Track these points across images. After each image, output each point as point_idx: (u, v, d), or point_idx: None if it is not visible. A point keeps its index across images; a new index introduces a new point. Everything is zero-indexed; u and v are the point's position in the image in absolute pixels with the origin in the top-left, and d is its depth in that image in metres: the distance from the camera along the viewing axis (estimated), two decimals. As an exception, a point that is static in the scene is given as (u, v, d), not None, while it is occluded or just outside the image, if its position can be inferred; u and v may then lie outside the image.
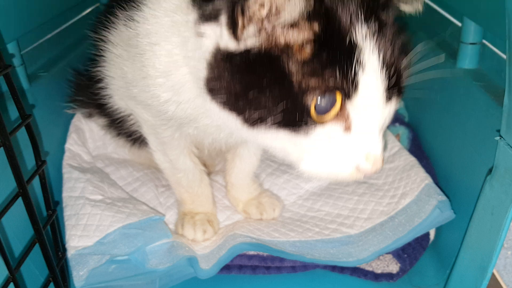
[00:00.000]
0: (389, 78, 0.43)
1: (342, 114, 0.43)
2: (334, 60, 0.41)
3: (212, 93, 0.46)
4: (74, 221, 0.66)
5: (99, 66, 0.67)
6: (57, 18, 0.87)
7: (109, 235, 0.64)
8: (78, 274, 0.61)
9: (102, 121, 0.82)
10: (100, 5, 1.07)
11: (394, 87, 0.44)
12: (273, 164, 0.83)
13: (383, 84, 0.43)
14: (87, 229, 0.65)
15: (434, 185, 0.67)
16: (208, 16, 0.44)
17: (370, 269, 0.66)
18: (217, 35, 0.44)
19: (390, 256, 0.66)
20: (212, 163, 0.85)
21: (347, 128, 0.44)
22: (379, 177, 0.77)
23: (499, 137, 0.46)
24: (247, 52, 0.42)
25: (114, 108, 0.72)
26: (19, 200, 0.45)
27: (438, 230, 0.68)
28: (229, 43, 0.43)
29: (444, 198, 0.64)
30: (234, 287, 0.65)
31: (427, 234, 0.68)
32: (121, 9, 0.58)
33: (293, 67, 0.41)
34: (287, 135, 0.44)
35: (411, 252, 0.65)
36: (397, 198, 0.70)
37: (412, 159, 0.74)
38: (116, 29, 0.60)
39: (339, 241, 0.66)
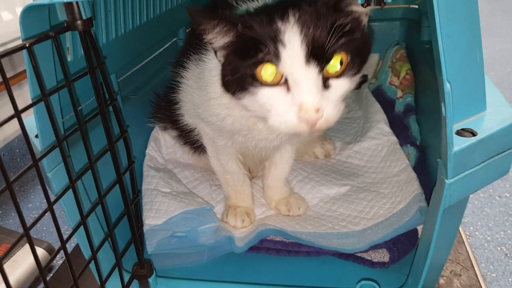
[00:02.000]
0: (311, 49, 0.56)
1: (281, 79, 0.58)
2: (259, 43, 0.57)
3: (226, 90, 0.65)
4: (149, 206, 0.88)
5: (175, 93, 0.90)
6: (144, 53, 1.07)
7: (173, 217, 0.85)
8: (150, 243, 0.83)
9: (173, 133, 1.03)
10: (177, 39, 1.31)
11: (319, 56, 0.56)
12: (303, 172, 1.02)
13: (303, 54, 0.56)
14: (158, 212, 0.86)
15: (420, 195, 0.82)
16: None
17: (369, 258, 0.82)
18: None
19: (384, 249, 0.82)
20: (255, 169, 1.04)
21: (288, 89, 0.58)
22: (387, 187, 0.94)
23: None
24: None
25: (184, 123, 0.93)
26: (117, 186, 0.67)
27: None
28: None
29: (424, 204, 0.79)
30: (263, 263, 0.84)
31: (416, 233, 0.83)
32: (192, 53, 0.80)
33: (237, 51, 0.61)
34: (255, 99, 0.60)
35: (400, 246, 0.80)
36: (395, 204, 0.86)
37: (413, 174, 0.90)
38: (189, 67, 0.81)
39: (345, 234, 0.83)
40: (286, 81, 0.58)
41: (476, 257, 1.17)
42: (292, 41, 0.57)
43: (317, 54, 0.57)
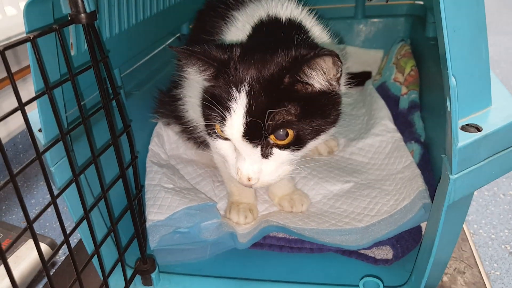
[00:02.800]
0: (249, 125, 0.59)
1: None
2: (212, 108, 0.62)
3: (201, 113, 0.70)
4: (152, 201, 0.88)
5: (180, 88, 0.90)
6: (147, 49, 1.07)
7: (176, 213, 0.84)
8: (153, 239, 0.82)
9: (176, 128, 1.03)
10: (180, 35, 1.31)
11: (256, 134, 0.60)
12: (307, 169, 1.01)
13: (242, 128, 0.60)
14: (161, 208, 0.86)
15: (424, 191, 0.81)
16: None
17: (372, 255, 0.82)
18: None
19: (388, 246, 0.82)
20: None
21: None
22: (391, 184, 0.93)
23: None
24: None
25: (188, 119, 0.93)
26: (120, 181, 0.67)
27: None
28: None
29: (428, 201, 0.78)
30: (265, 259, 0.84)
31: (420, 230, 0.83)
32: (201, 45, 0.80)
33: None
34: (215, 143, 0.67)
35: (404, 243, 0.80)
36: (399, 201, 0.86)
37: (417, 171, 0.89)
38: None
39: (348, 231, 0.83)
40: None
41: (480, 255, 1.17)
42: (237, 112, 0.60)
43: (255, 131, 0.60)
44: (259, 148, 0.62)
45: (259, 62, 0.62)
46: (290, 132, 0.61)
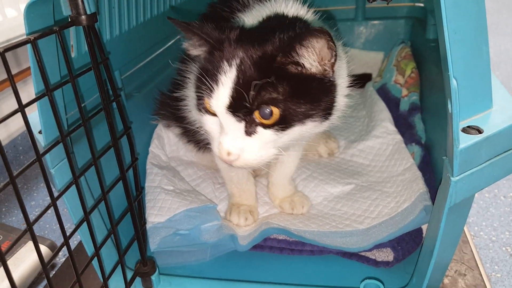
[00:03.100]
0: (234, 99, 0.59)
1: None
2: (202, 81, 0.62)
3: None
4: (152, 203, 0.87)
5: (183, 89, 0.90)
6: (147, 51, 1.06)
7: (176, 215, 0.84)
8: (153, 241, 0.82)
9: (177, 130, 1.03)
10: (181, 37, 1.31)
11: (240, 108, 0.60)
12: (307, 171, 1.01)
13: (227, 101, 0.60)
14: (161, 210, 0.86)
15: (425, 193, 0.81)
16: None
17: (373, 257, 0.82)
18: None
19: (388, 248, 0.82)
20: (259, 168, 1.04)
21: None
22: (392, 186, 0.93)
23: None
24: None
25: (191, 120, 0.92)
26: (120, 183, 0.67)
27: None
28: None
29: (429, 203, 0.78)
30: (266, 261, 0.84)
31: (421, 232, 0.83)
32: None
33: None
34: (202, 119, 0.67)
35: (404, 245, 0.80)
36: (399, 203, 0.85)
37: (418, 173, 0.89)
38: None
39: (349, 233, 0.82)
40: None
41: (481, 257, 1.17)
42: (225, 85, 0.60)
43: (239, 105, 0.60)
44: (243, 124, 0.61)
45: (255, 41, 0.62)
46: (275, 110, 0.60)
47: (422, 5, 1.40)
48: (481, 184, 0.59)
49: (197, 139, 0.97)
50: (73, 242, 1.05)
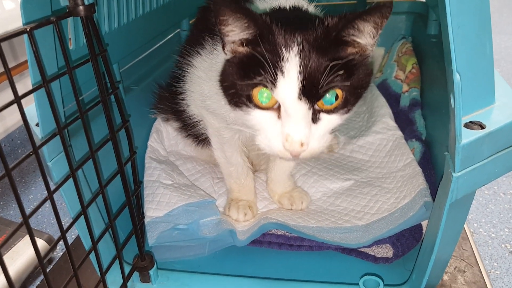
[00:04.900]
0: (305, 85, 0.56)
1: (274, 104, 0.59)
2: (262, 65, 0.57)
3: (221, 86, 0.66)
4: (151, 198, 0.87)
5: (182, 83, 0.88)
6: (146, 44, 1.05)
7: (174, 209, 0.83)
8: (151, 235, 0.82)
9: (176, 124, 1.02)
10: (180, 30, 1.30)
11: (312, 93, 0.57)
12: (306, 167, 1.01)
13: (297, 88, 0.56)
14: (159, 204, 0.85)
15: (426, 189, 0.81)
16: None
17: (372, 253, 0.81)
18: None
19: (388, 244, 0.81)
20: (258, 163, 1.02)
21: (279, 116, 0.59)
22: (391, 182, 0.93)
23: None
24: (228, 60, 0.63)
25: (189, 114, 0.91)
26: (118, 177, 0.66)
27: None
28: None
29: (429, 199, 0.78)
30: (264, 257, 0.83)
31: (420, 228, 0.83)
32: (204, 43, 0.78)
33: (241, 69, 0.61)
34: (247, 118, 0.62)
35: (404, 242, 0.80)
36: (399, 199, 0.85)
37: (418, 169, 0.88)
38: (200, 57, 0.80)
39: (348, 229, 0.82)
40: (279, 107, 0.59)
41: (480, 254, 1.16)
42: (291, 72, 0.57)
43: (311, 91, 0.57)
44: (310, 111, 0.58)
45: (301, 24, 0.59)
46: (340, 94, 0.58)
47: (423, 0, 1.39)
48: (482, 180, 0.58)
49: (195, 134, 0.96)
50: (71, 236, 1.04)
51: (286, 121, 0.59)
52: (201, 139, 0.97)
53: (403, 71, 1.22)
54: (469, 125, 0.55)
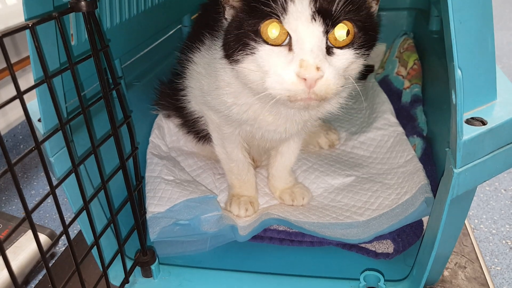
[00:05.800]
0: (318, 7, 0.55)
1: (285, 37, 0.57)
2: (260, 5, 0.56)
3: (225, 52, 0.65)
4: (152, 193, 0.87)
5: (182, 79, 0.89)
6: (148, 40, 1.06)
7: (176, 205, 0.84)
8: (153, 231, 0.82)
9: (177, 121, 1.02)
10: (182, 26, 1.30)
11: (326, 16, 0.55)
12: (308, 163, 1.01)
13: (310, 10, 0.55)
14: (161, 200, 0.85)
15: (426, 185, 0.81)
16: None
17: (373, 249, 0.82)
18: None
19: (389, 240, 0.82)
20: (259, 159, 1.03)
21: (290, 49, 0.57)
22: (392, 178, 0.93)
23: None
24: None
25: (190, 111, 0.92)
26: (120, 173, 0.66)
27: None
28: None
29: (430, 195, 0.78)
30: (265, 252, 0.84)
31: (421, 224, 0.83)
32: (203, 39, 0.79)
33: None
34: (254, 59, 0.59)
35: (405, 237, 0.80)
36: (400, 195, 0.85)
37: (419, 165, 0.89)
38: (199, 53, 0.80)
39: (349, 224, 0.82)
40: (289, 42, 0.57)
41: (481, 250, 1.17)
42: None
43: (324, 13, 0.55)
44: (325, 40, 0.57)
45: None
46: (351, 28, 0.58)
47: (425, -4, 1.38)
48: (483, 177, 0.58)
49: (196, 130, 0.97)
50: (73, 232, 1.05)
51: (299, 49, 0.56)
52: (202, 135, 0.97)
53: (405, 67, 1.22)
54: (471, 121, 0.55)
